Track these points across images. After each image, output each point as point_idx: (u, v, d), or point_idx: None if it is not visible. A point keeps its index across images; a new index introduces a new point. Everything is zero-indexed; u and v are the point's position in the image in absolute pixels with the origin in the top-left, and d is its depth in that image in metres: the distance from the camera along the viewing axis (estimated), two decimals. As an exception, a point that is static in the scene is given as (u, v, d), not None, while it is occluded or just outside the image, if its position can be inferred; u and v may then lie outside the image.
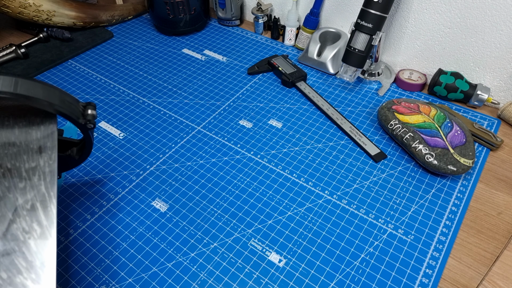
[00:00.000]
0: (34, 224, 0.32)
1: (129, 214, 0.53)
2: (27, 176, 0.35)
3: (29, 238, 0.32)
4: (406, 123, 0.59)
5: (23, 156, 0.36)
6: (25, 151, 0.36)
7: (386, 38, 0.76)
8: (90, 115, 0.40)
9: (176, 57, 0.83)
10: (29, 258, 0.31)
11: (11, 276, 0.30)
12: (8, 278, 0.30)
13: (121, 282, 0.46)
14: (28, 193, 0.34)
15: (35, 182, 0.34)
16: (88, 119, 0.40)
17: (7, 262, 0.30)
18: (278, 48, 0.86)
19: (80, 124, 0.40)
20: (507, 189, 0.56)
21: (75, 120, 0.39)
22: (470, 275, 0.47)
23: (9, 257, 0.31)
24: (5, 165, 0.35)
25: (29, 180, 0.35)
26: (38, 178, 0.35)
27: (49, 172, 0.35)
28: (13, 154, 0.35)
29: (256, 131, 0.65)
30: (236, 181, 0.57)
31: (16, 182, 0.34)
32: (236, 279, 0.46)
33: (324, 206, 0.54)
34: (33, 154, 0.36)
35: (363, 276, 0.46)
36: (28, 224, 0.32)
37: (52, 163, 0.36)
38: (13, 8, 0.79)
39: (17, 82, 0.34)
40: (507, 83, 0.68)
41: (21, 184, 0.34)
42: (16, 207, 0.33)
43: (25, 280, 0.30)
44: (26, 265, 0.31)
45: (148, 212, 0.53)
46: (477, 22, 0.64)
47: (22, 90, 0.34)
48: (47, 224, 0.33)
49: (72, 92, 0.74)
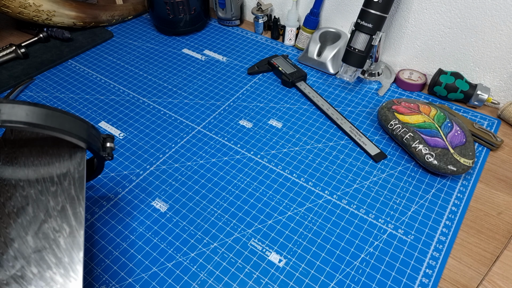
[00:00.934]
0: (64, 224, 0.35)
1: (129, 214, 0.53)
2: (59, 181, 0.38)
3: (59, 236, 0.34)
4: (406, 123, 0.59)
5: (55, 163, 0.39)
6: (57, 159, 0.39)
7: (386, 38, 0.77)
8: (109, 148, 0.43)
9: (176, 57, 0.83)
10: (59, 255, 0.33)
11: (41, 271, 0.32)
12: (39, 272, 0.32)
13: (121, 282, 0.46)
14: (59, 196, 0.37)
15: (65, 186, 0.37)
16: (107, 152, 0.43)
17: (38, 258, 0.33)
18: (278, 48, 0.86)
19: (101, 157, 0.42)
20: (507, 189, 0.56)
21: (97, 153, 0.41)
22: (470, 275, 0.47)
23: (40, 254, 0.33)
24: (39, 170, 0.38)
25: (60, 184, 0.38)
26: (68, 183, 0.38)
27: (78, 178, 0.38)
28: (46, 162, 0.39)
29: (256, 131, 0.65)
30: (236, 181, 0.57)
31: (48, 186, 0.37)
32: (236, 279, 0.46)
33: (324, 206, 0.54)
34: (64, 161, 0.39)
35: (363, 276, 0.46)
36: (59, 224, 0.35)
37: (81, 169, 0.39)
38: (13, 8, 0.79)
39: (48, 114, 0.36)
40: (507, 83, 0.68)
41: (52, 188, 0.37)
42: (48, 209, 0.36)
43: (54, 275, 0.32)
44: (55, 261, 0.33)
45: (148, 212, 0.53)
46: (477, 22, 0.64)
47: (53, 123, 0.36)
48: (76, 224, 0.35)
49: (72, 92, 0.74)
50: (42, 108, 0.35)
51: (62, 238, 0.34)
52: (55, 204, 0.36)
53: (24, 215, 0.35)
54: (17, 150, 0.40)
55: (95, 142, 0.40)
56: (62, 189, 0.37)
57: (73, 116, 0.38)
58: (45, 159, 0.39)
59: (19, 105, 0.33)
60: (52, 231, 0.34)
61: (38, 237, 0.34)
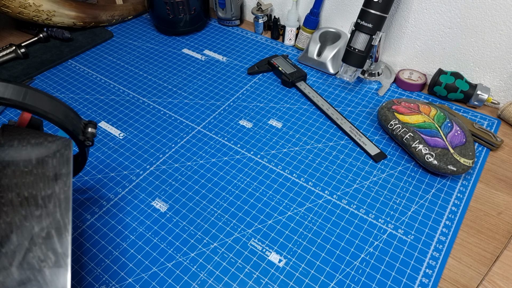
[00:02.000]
0: (49, 252, 0.33)
1: (129, 214, 0.53)
2: (43, 203, 0.36)
3: (44, 266, 0.33)
4: (406, 123, 0.59)
5: (40, 184, 0.37)
6: (41, 179, 0.37)
7: (386, 38, 0.77)
8: (90, 133, 0.41)
9: (176, 57, 0.83)
10: (44, 287, 0.32)
11: None
12: None
13: (121, 282, 0.46)
14: (44, 221, 0.35)
15: (50, 209, 0.35)
16: (87, 136, 0.41)
17: None
18: (278, 48, 0.86)
19: (79, 141, 0.41)
20: (507, 189, 0.56)
21: (75, 136, 0.40)
22: (470, 275, 0.47)
23: (25, 287, 0.31)
24: (23, 193, 0.36)
25: (45, 207, 0.35)
26: (53, 205, 0.36)
27: (64, 199, 0.36)
28: (30, 183, 0.36)
29: (256, 131, 0.65)
30: (236, 181, 0.57)
31: (32, 210, 0.35)
32: (236, 279, 0.46)
33: (324, 206, 0.54)
34: (49, 182, 0.37)
35: (363, 276, 0.46)
36: (44, 253, 0.33)
37: (67, 189, 0.37)
38: (13, 8, 0.79)
39: (27, 92, 0.35)
40: (507, 83, 0.68)
41: (37, 212, 0.35)
42: (33, 236, 0.34)
43: None
44: None
45: (148, 212, 0.53)
46: (477, 22, 0.64)
47: (29, 100, 0.35)
48: (62, 252, 0.33)
49: (72, 92, 0.74)
50: (18, 86, 0.35)
51: (47, 268, 0.33)
52: (40, 230, 0.34)
53: (8, 244, 0.33)
54: (1, 172, 0.37)
55: (73, 125, 0.39)
56: (47, 213, 0.35)
57: (51, 97, 0.37)
58: (29, 179, 0.37)
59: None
60: (37, 261, 0.33)
61: (23, 268, 0.32)
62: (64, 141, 0.39)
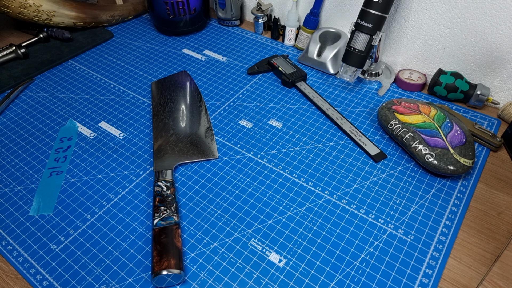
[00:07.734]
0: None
1: (129, 214, 0.53)
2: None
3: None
4: (406, 123, 0.59)
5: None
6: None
7: (386, 38, 0.77)
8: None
9: (176, 57, 0.83)
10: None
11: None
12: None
13: (121, 282, 0.46)
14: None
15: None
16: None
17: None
18: (278, 48, 0.86)
19: None
20: (507, 189, 0.56)
21: None
22: (470, 275, 0.47)
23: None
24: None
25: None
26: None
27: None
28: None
29: (256, 131, 0.65)
30: (236, 181, 0.57)
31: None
32: (236, 279, 0.46)
33: (324, 206, 0.54)
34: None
35: (363, 276, 0.46)
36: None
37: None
38: (13, 8, 0.79)
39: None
40: (507, 83, 0.68)
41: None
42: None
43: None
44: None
45: (148, 212, 0.53)
46: (477, 22, 0.64)
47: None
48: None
49: (72, 92, 0.74)
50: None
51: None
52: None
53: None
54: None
55: None
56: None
57: None
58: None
59: None
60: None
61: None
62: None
